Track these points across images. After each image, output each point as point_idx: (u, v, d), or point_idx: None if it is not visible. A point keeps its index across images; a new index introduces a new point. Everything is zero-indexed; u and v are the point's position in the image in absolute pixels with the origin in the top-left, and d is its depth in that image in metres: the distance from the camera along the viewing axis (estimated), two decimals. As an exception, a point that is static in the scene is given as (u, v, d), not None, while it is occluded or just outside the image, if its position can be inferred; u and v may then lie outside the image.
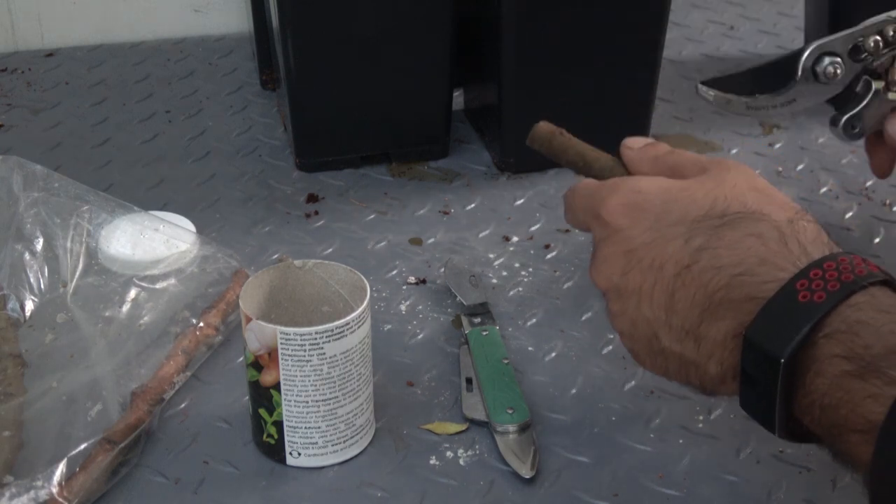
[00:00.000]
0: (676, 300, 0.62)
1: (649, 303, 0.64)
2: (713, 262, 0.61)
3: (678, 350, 0.63)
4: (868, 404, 0.53)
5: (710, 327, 0.61)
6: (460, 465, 0.74)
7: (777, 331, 0.57)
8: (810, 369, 0.56)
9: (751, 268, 0.60)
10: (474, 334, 0.83)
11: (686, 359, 0.63)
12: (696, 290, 0.61)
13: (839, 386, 0.55)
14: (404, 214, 1.00)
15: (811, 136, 1.13)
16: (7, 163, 0.90)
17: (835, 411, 0.55)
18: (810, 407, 0.57)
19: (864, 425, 0.53)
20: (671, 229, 0.63)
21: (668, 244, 0.63)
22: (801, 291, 0.57)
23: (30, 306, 0.84)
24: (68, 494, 0.69)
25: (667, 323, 0.63)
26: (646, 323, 0.64)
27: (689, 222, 0.63)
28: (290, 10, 0.98)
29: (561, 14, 0.99)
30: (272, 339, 0.70)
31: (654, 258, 0.63)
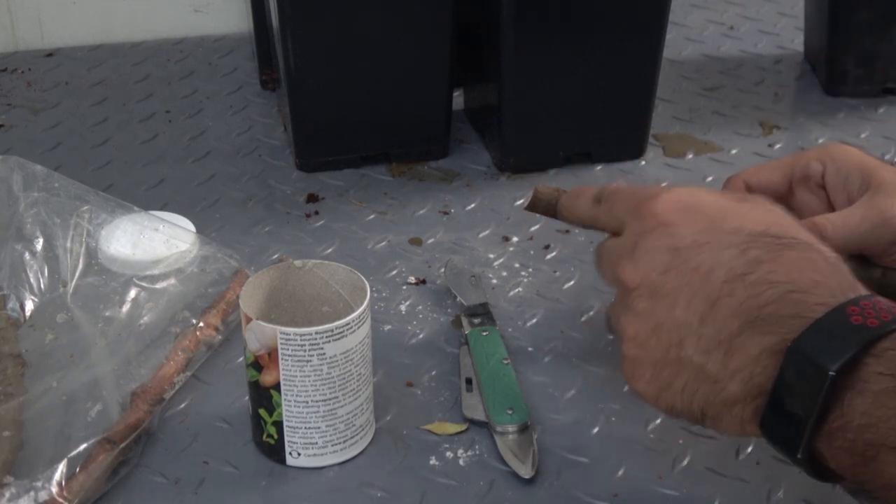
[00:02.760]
0: (717, 308, 0.60)
1: (685, 306, 0.61)
2: (769, 276, 0.59)
3: (700, 361, 0.60)
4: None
5: (749, 340, 0.59)
6: (460, 466, 0.74)
7: (828, 344, 0.55)
8: (852, 388, 0.54)
9: (805, 287, 0.58)
10: (474, 334, 0.83)
11: (705, 373, 0.60)
12: (743, 301, 0.59)
13: (882, 403, 0.53)
14: (404, 214, 1.00)
15: (811, 137, 1.13)
16: (7, 163, 0.90)
17: (872, 430, 0.54)
18: (841, 430, 0.55)
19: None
20: (727, 237, 0.61)
21: (722, 251, 0.61)
22: (853, 315, 0.56)
23: (30, 306, 0.84)
24: (68, 494, 0.69)
25: (697, 331, 0.60)
26: (674, 328, 0.61)
27: (745, 234, 0.61)
28: (290, 10, 0.98)
29: (561, 14, 0.99)
30: (272, 339, 0.70)
31: (703, 261, 0.61)
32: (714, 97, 1.19)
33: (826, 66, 1.20)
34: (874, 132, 1.14)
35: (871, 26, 1.15)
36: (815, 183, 0.77)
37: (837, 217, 0.73)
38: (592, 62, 1.02)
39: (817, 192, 0.78)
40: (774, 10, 1.38)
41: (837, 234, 0.72)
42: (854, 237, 0.72)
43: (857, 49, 1.17)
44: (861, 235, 0.72)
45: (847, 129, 1.14)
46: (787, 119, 1.16)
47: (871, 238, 0.72)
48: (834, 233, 0.72)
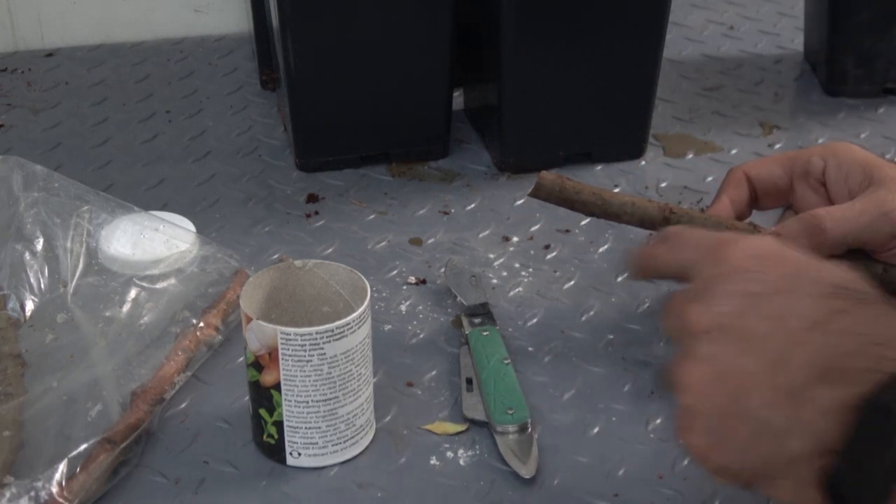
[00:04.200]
0: (790, 357, 0.56)
1: (756, 354, 0.56)
2: (851, 327, 0.56)
3: (766, 415, 0.56)
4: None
5: (822, 392, 0.54)
6: (460, 466, 0.74)
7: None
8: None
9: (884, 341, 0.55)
10: (474, 334, 0.83)
11: (769, 427, 0.56)
12: (819, 350, 0.55)
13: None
14: (404, 214, 1.00)
15: (811, 137, 1.13)
16: (7, 163, 0.90)
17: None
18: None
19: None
20: (809, 286, 0.58)
21: (802, 298, 0.57)
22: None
23: (30, 306, 0.84)
24: (68, 494, 0.69)
25: (767, 381, 0.56)
26: (739, 376, 0.57)
27: (829, 285, 0.58)
28: (290, 10, 0.98)
29: (561, 14, 0.99)
30: (272, 339, 0.70)
31: (782, 307, 0.57)
32: (714, 97, 1.20)
33: (826, 66, 1.20)
34: (874, 132, 1.14)
35: (871, 26, 1.15)
36: (816, 179, 0.77)
37: (837, 209, 0.73)
38: (592, 62, 1.02)
39: (817, 188, 0.77)
40: (774, 10, 1.38)
41: (837, 227, 0.72)
42: (853, 229, 0.72)
43: (857, 49, 1.17)
44: (860, 228, 0.72)
45: (847, 129, 1.14)
46: (787, 119, 1.16)
47: (871, 231, 0.72)
48: (833, 225, 0.72)
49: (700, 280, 0.61)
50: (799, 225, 0.72)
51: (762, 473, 0.57)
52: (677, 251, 0.64)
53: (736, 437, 0.57)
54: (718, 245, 0.62)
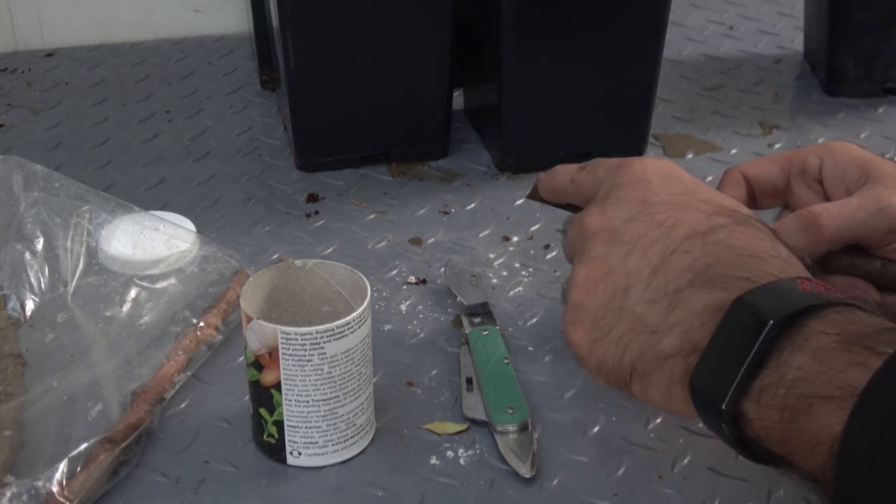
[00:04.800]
0: (670, 261, 0.61)
1: (640, 256, 0.62)
2: (728, 239, 0.61)
3: (641, 311, 0.61)
4: (851, 370, 0.52)
5: (694, 295, 0.59)
6: (460, 465, 0.74)
7: (773, 300, 0.56)
8: (791, 345, 0.55)
9: (761, 256, 0.60)
10: (474, 334, 0.83)
11: (644, 323, 0.61)
12: (697, 258, 0.60)
13: (819, 359, 0.54)
14: (404, 214, 1.00)
15: (811, 136, 1.13)
16: (7, 163, 0.90)
17: (807, 384, 0.54)
18: (774, 385, 0.55)
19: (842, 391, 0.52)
20: (698, 203, 0.63)
21: (690, 211, 0.63)
22: (802, 284, 0.57)
23: (30, 306, 0.84)
24: (69, 494, 0.69)
25: (646, 281, 0.61)
26: (624, 275, 0.62)
27: (716, 205, 0.63)
28: (290, 10, 0.98)
29: (561, 14, 0.99)
30: (273, 338, 0.70)
31: (669, 217, 0.63)
32: (714, 97, 1.20)
33: (826, 66, 1.20)
34: (874, 132, 1.14)
35: (871, 26, 1.15)
36: (812, 177, 0.78)
37: (834, 206, 0.73)
38: (592, 62, 1.02)
39: (814, 186, 0.78)
40: (774, 10, 1.38)
41: (833, 222, 0.72)
42: (850, 224, 0.72)
43: (857, 49, 1.17)
44: (857, 223, 0.72)
45: (847, 129, 1.14)
46: (787, 119, 1.16)
47: (868, 226, 0.72)
48: (830, 220, 0.72)
49: (603, 189, 0.66)
50: (796, 221, 0.73)
51: (636, 370, 0.61)
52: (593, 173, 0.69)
53: (615, 332, 0.62)
54: (623, 162, 0.67)
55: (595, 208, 0.65)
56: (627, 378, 0.62)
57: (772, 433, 0.55)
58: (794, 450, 0.54)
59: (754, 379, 0.55)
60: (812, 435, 0.53)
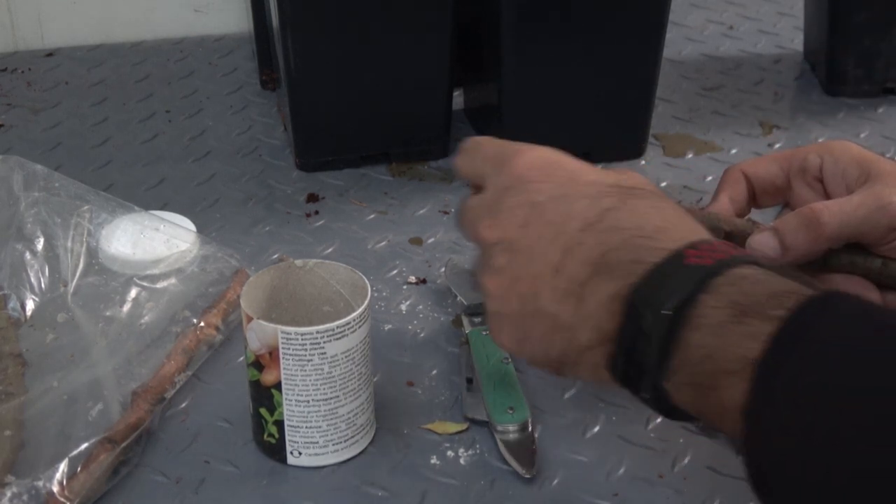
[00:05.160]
0: (569, 257, 0.62)
1: (541, 258, 0.62)
2: (616, 223, 0.61)
3: (554, 311, 0.62)
4: (745, 343, 0.53)
5: (597, 287, 0.60)
6: (461, 465, 0.74)
7: (663, 286, 0.57)
8: (690, 325, 0.56)
9: (648, 233, 0.60)
10: (475, 334, 0.83)
11: (559, 322, 0.62)
12: (592, 248, 0.61)
13: (716, 334, 0.55)
14: (404, 214, 1.00)
15: (811, 136, 1.13)
16: (7, 163, 0.90)
17: (710, 361, 0.55)
18: (682, 366, 0.56)
19: (740, 364, 0.53)
20: (583, 188, 0.64)
21: (577, 201, 0.63)
22: (689, 257, 0.58)
23: (30, 306, 0.84)
24: (69, 494, 0.69)
25: (551, 282, 0.62)
26: (529, 280, 0.63)
27: (600, 185, 0.64)
28: (290, 10, 0.98)
29: (561, 14, 0.99)
30: (273, 338, 0.70)
31: (559, 213, 0.63)
32: (714, 97, 1.20)
33: (826, 65, 1.20)
34: (874, 132, 1.14)
35: (871, 26, 1.15)
36: (813, 176, 0.78)
37: (834, 203, 0.73)
38: (592, 62, 1.02)
39: (814, 185, 0.78)
40: (774, 10, 1.38)
41: (834, 219, 0.72)
42: (851, 222, 0.72)
43: (857, 49, 1.17)
44: (858, 220, 0.72)
45: (847, 129, 1.14)
46: (787, 119, 1.16)
47: (868, 224, 0.72)
48: (830, 217, 0.72)
49: (489, 192, 0.67)
50: (797, 219, 0.73)
51: (563, 363, 0.63)
52: (472, 161, 0.70)
53: (535, 333, 0.63)
54: (504, 157, 0.67)
55: (487, 218, 0.66)
56: (558, 368, 0.64)
57: (690, 406, 0.57)
58: (712, 419, 0.56)
59: (665, 362, 0.57)
60: (722, 408, 0.55)
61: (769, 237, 0.73)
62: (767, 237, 0.73)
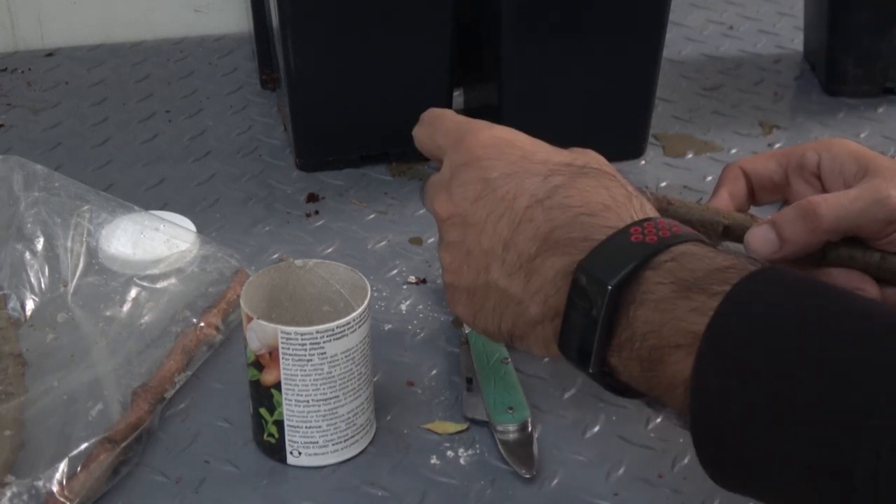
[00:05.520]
0: (518, 233, 0.63)
1: (491, 233, 0.64)
2: (564, 200, 0.63)
3: (504, 285, 0.64)
4: (691, 317, 0.54)
5: (544, 262, 0.62)
6: (461, 465, 0.74)
7: (608, 262, 0.58)
8: (634, 301, 0.57)
9: (594, 211, 0.62)
10: (474, 334, 0.83)
11: (509, 295, 0.64)
12: (540, 225, 0.63)
13: (661, 309, 0.56)
14: (404, 214, 1.00)
15: (811, 136, 1.13)
16: (7, 163, 0.90)
17: (655, 335, 0.56)
18: (629, 341, 0.57)
19: (685, 338, 0.54)
20: (534, 166, 0.65)
21: (527, 178, 0.65)
22: (634, 235, 0.59)
23: (30, 306, 0.84)
24: (69, 494, 0.69)
25: (501, 256, 0.64)
26: (481, 254, 0.65)
27: (552, 164, 0.65)
28: (290, 10, 0.98)
29: (561, 14, 0.99)
30: (273, 338, 0.70)
31: (510, 189, 0.65)
32: (714, 97, 1.20)
33: (826, 65, 1.20)
34: (874, 132, 1.14)
35: (871, 26, 1.15)
36: (811, 172, 0.78)
37: (832, 196, 0.74)
38: (592, 62, 1.02)
39: (812, 182, 0.78)
40: (774, 10, 1.38)
41: (831, 212, 0.72)
42: (848, 214, 0.72)
43: (857, 49, 1.17)
44: (856, 213, 0.72)
45: (847, 129, 1.14)
46: (787, 119, 1.16)
47: (866, 217, 0.72)
48: (828, 210, 0.72)
49: (446, 168, 0.68)
50: (794, 212, 0.73)
51: (514, 335, 0.65)
52: (431, 135, 0.72)
53: (488, 305, 0.65)
54: (461, 135, 0.69)
55: (443, 193, 0.68)
56: (510, 340, 0.66)
57: (638, 381, 0.58)
58: (659, 394, 0.57)
59: (612, 338, 0.58)
60: (669, 381, 0.56)
61: (767, 230, 0.74)
62: (765, 230, 0.74)
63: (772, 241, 0.73)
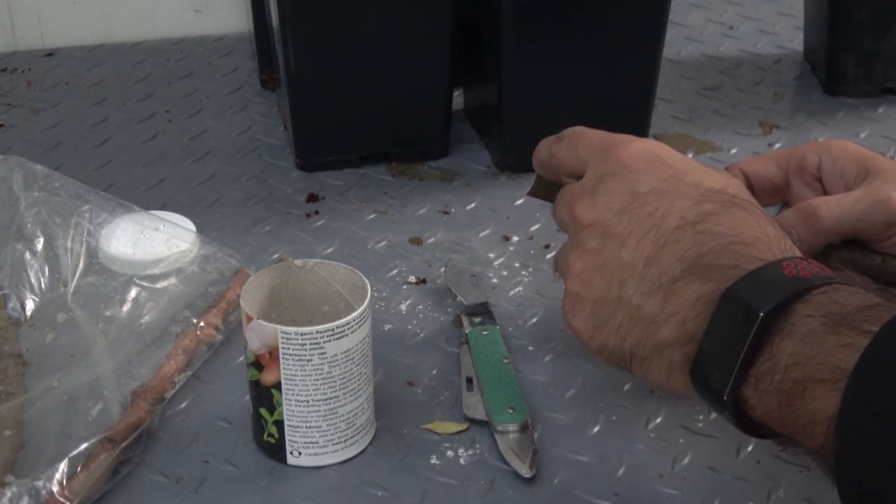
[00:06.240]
0: (663, 252, 0.62)
1: (634, 248, 0.63)
2: (716, 228, 0.62)
3: (638, 302, 0.63)
4: (840, 353, 0.53)
5: (687, 286, 0.61)
6: (461, 465, 0.74)
7: (761, 290, 0.57)
8: (781, 331, 0.56)
9: (747, 241, 0.61)
10: (474, 334, 0.83)
11: (642, 314, 0.62)
12: (689, 248, 0.61)
13: (808, 343, 0.55)
14: (404, 214, 1.00)
15: (811, 136, 1.13)
16: (7, 162, 0.90)
17: (799, 368, 0.55)
18: (769, 372, 0.56)
19: (833, 374, 0.53)
20: (686, 188, 0.64)
21: (678, 199, 0.63)
22: (787, 268, 0.58)
23: (30, 306, 0.84)
24: (69, 494, 0.69)
25: (641, 273, 0.63)
26: (619, 267, 0.64)
27: (704, 188, 0.64)
28: (290, 10, 0.98)
29: (561, 14, 0.99)
30: (273, 338, 0.70)
31: (659, 207, 0.63)
32: (714, 97, 1.20)
33: (826, 65, 1.20)
34: (874, 132, 1.14)
35: (870, 26, 1.15)
36: (811, 174, 0.78)
37: (832, 199, 0.74)
38: (592, 62, 1.02)
39: (813, 184, 0.78)
40: (774, 10, 1.39)
41: (832, 213, 0.72)
42: (849, 217, 0.72)
43: (857, 49, 1.17)
44: (856, 216, 0.72)
45: (847, 129, 1.14)
46: (787, 119, 1.16)
47: (867, 219, 0.72)
48: (828, 212, 0.72)
49: (590, 176, 0.67)
50: (795, 214, 0.73)
51: (636, 356, 0.63)
52: (573, 149, 0.70)
53: (613, 321, 0.64)
54: (610, 145, 0.67)
55: (586, 199, 0.66)
56: (628, 362, 0.64)
57: (773, 416, 0.57)
58: (795, 431, 0.56)
59: (751, 367, 0.57)
60: (809, 417, 0.54)
61: None
62: None
63: None
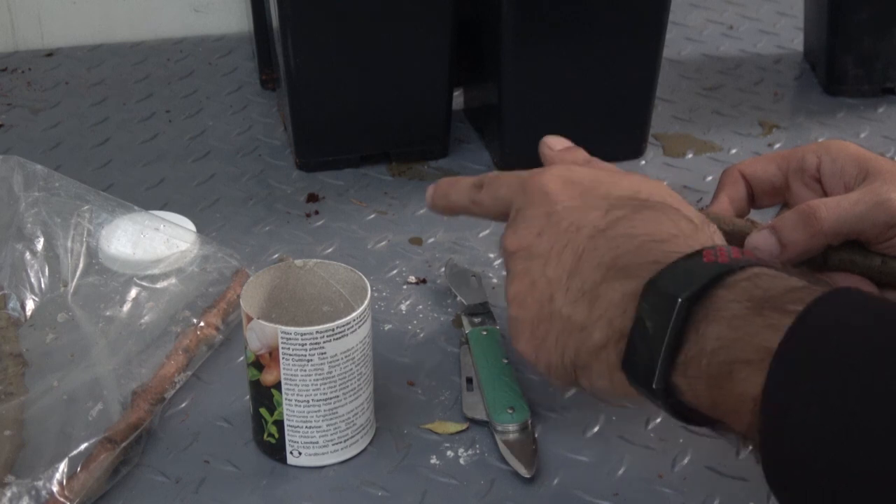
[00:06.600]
0: (583, 261, 0.64)
1: (556, 263, 0.65)
2: (628, 229, 0.64)
3: (567, 312, 0.64)
4: (765, 333, 0.54)
5: (610, 287, 0.62)
6: (461, 465, 0.74)
7: (681, 279, 0.58)
8: (706, 318, 0.57)
9: (663, 238, 0.62)
10: (474, 334, 0.83)
11: (573, 322, 0.64)
12: (605, 252, 0.63)
13: (734, 326, 0.56)
14: (404, 214, 1.00)
15: (810, 136, 1.13)
16: (7, 163, 0.90)
17: (726, 351, 0.56)
18: (697, 357, 0.57)
19: (758, 354, 0.54)
20: (595, 200, 0.67)
21: (589, 211, 0.66)
22: (706, 256, 0.59)
23: (30, 306, 0.84)
24: (69, 494, 0.69)
25: (566, 285, 0.65)
26: (545, 284, 0.66)
27: (613, 198, 0.66)
28: (290, 10, 0.98)
29: (561, 14, 0.99)
30: (273, 338, 0.70)
31: (573, 221, 0.66)
32: (714, 97, 1.20)
33: (826, 65, 1.20)
34: (874, 132, 1.14)
35: (870, 26, 1.15)
36: (811, 175, 0.78)
37: (832, 200, 0.74)
38: (592, 62, 1.02)
39: (812, 185, 0.78)
40: (774, 10, 1.39)
41: (831, 215, 0.72)
42: (849, 218, 0.72)
43: (857, 49, 1.17)
44: (856, 217, 0.72)
45: (846, 129, 1.14)
46: (787, 119, 1.16)
47: (866, 220, 0.72)
48: (828, 213, 0.72)
49: (512, 210, 0.70)
50: (794, 216, 0.73)
51: (577, 366, 0.65)
52: (495, 193, 0.74)
53: (551, 337, 0.66)
54: (525, 178, 0.71)
55: (509, 230, 0.70)
56: (573, 375, 0.66)
57: (703, 400, 0.58)
58: (724, 413, 0.57)
59: (678, 354, 0.58)
60: (737, 398, 0.55)
61: (767, 235, 0.74)
62: (766, 235, 0.74)
63: (772, 245, 0.73)
